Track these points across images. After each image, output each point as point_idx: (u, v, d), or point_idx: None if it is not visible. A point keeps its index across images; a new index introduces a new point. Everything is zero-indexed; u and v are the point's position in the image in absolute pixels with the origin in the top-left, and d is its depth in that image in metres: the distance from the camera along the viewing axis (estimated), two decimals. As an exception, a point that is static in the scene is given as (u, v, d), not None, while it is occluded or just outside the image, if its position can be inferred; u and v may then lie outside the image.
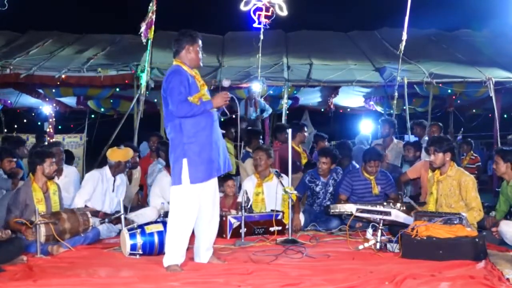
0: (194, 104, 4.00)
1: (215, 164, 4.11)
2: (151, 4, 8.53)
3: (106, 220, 5.39)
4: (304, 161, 7.50)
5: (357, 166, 6.80)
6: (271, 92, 10.29)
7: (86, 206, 5.56)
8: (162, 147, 6.90)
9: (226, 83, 4.21)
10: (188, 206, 4.04)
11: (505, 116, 12.69)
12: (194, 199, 4.04)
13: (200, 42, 4.26)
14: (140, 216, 5.77)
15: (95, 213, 5.54)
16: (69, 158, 7.34)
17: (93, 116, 14.27)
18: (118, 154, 5.89)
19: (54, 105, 13.02)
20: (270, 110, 10.09)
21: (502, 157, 5.37)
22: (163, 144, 6.96)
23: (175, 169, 4.06)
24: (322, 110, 14.03)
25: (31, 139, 11.04)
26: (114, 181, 5.86)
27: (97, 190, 5.72)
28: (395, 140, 7.93)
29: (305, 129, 7.71)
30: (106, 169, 5.86)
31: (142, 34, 8.58)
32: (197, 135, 4.03)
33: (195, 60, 4.22)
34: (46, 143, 9.08)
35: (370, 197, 6.19)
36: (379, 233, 4.74)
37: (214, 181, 4.24)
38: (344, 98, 12.72)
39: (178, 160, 4.04)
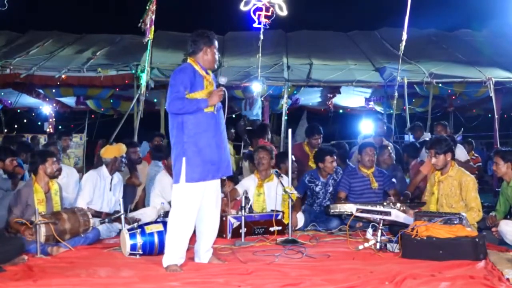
0: (187, 101, 3.98)
1: (215, 166, 4.08)
2: (148, 4, 8.53)
3: (107, 220, 5.37)
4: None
5: (354, 166, 6.80)
6: (271, 92, 10.30)
7: (88, 208, 5.54)
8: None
9: (223, 80, 4.18)
10: (186, 206, 4.03)
11: (505, 116, 12.70)
12: (192, 199, 4.03)
13: (216, 43, 4.28)
14: (140, 216, 5.76)
15: (98, 215, 5.53)
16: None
17: (93, 116, 14.29)
18: (112, 150, 5.87)
19: (54, 105, 13.05)
20: (258, 117, 9.98)
21: (502, 157, 5.35)
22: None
23: (176, 167, 4.06)
24: (322, 110, 14.05)
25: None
26: (111, 180, 5.85)
27: (96, 190, 5.70)
28: (385, 142, 7.72)
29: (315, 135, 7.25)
30: (103, 169, 5.83)
31: (145, 34, 8.58)
32: (197, 135, 4.01)
33: (211, 61, 4.23)
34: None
35: (369, 193, 6.20)
36: (379, 233, 4.74)
37: (216, 183, 4.22)
38: (344, 98, 12.72)
39: (178, 158, 4.04)
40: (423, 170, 6.54)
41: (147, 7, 8.55)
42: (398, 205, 5.67)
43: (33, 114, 14.57)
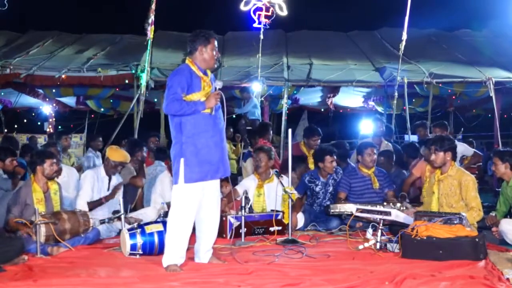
0: (184, 103, 3.97)
1: (213, 166, 4.08)
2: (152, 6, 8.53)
3: (106, 220, 5.37)
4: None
5: (354, 166, 6.79)
6: (271, 92, 10.29)
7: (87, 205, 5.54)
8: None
9: (219, 84, 4.19)
10: (184, 206, 4.03)
11: (505, 116, 12.70)
12: (190, 199, 4.03)
13: (215, 42, 4.25)
14: (140, 216, 5.76)
15: (98, 202, 5.54)
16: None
17: (93, 116, 14.29)
18: (120, 155, 5.83)
19: (54, 105, 13.06)
20: (254, 116, 9.90)
21: (500, 158, 5.39)
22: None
23: (174, 168, 4.08)
24: (322, 110, 14.05)
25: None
26: (110, 180, 5.82)
27: (94, 189, 5.68)
28: (384, 142, 7.66)
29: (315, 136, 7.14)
30: (101, 169, 5.81)
31: (146, 33, 8.57)
32: (196, 135, 4.01)
33: (208, 61, 4.20)
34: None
35: (370, 193, 6.20)
36: (379, 233, 4.74)
37: (215, 183, 4.22)
38: (344, 98, 12.73)
39: (177, 159, 4.05)
40: (415, 172, 6.52)
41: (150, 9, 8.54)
42: (398, 205, 5.67)
43: (33, 114, 14.58)
